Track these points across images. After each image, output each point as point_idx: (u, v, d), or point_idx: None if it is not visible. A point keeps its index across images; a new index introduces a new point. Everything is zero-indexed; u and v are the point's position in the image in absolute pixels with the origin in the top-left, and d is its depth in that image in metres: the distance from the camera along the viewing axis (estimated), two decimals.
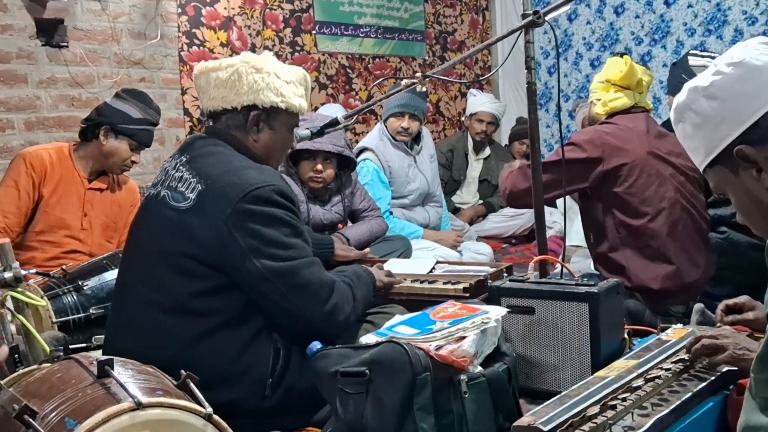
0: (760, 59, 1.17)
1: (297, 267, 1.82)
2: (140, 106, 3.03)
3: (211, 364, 1.77)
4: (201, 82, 2.02)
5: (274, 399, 1.84)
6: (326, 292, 1.85)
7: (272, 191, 1.83)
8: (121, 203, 3.16)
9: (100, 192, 3.09)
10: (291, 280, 1.81)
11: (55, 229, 2.94)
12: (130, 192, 3.23)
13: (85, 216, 3.02)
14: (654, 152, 2.72)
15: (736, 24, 5.09)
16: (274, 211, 1.82)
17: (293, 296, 1.81)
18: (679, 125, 1.28)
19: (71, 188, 2.99)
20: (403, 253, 3.40)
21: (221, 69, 1.97)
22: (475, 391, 1.66)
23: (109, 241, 3.10)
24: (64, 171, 2.98)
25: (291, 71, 2.05)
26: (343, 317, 1.88)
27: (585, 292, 1.95)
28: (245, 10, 4.78)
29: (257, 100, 1.97)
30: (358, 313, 1.97)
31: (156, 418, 1.26)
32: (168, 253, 1.83)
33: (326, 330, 1.86)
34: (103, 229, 3.09)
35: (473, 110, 4.95)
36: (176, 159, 1.96)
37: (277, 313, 1.85)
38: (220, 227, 1.78)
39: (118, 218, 3.14)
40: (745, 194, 1.17)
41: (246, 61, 1.98)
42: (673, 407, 1.42)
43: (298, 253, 1.84)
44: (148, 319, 1.83)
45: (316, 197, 3.28)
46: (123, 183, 3.20)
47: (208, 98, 2.00)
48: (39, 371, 1.44)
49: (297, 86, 2.05)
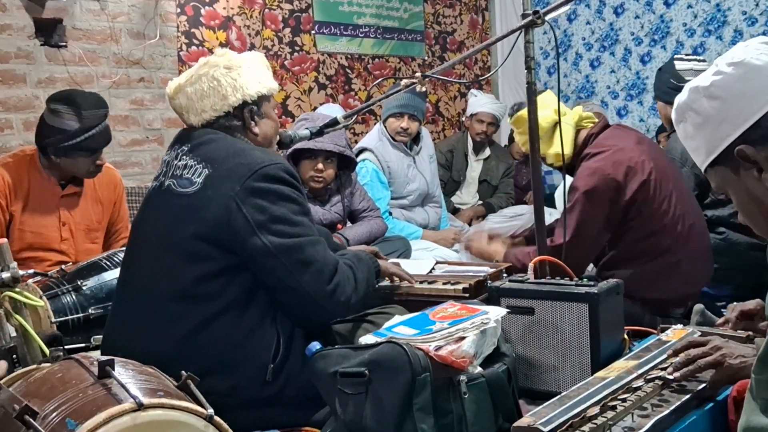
0: (760, 59, 1.17)
1: (302, 244, 1.84)
2: (74, 115, 2.69)
3: (213, 349, 1.79)
4: (181, 101, 2.01)
5: (274, 386, 1.84)
6: (329, 271, 1.86)
7: (279, 169, 1.86)
8: (102, 201, 3.00)
9: (78, 196, 2.90)
10: (296, 256, 1.82)
11: (34, 247, 2.77)
12: (111, 186, 3.04)
13: (64, 225, 2.85)
14: (657, 165, 2.64)
15: (736, 24, 5.10)
16: (282, 189, 1.85)
17: (297, 272, 1.82)
18: (681, 125, 1.28)
19: (43, 199, 2.80)
20: (403, 254, 3.40)
21: (195, 82, 1.98)
22: (475, 391, 1.66)
23: (93, 243, 2.96)
24: (32, 181, 2.78)
25: (252, 58, 2.07)
26: (344, 297, 1.89)
27: (585, 293, 1.95)
28: (244, 10, 4.78)
29: (245, 96, 1.99)
30: (359, 295, 1.98)
31: (157, 419, 1.26)
32: (174, 240, 1.85)
33: (328, 309, 1.88)
34: (85, 233, 2.93)
35: (473, 111, 4.95)
36: (177, 150, 1.98)
37: (281, 290, 1.85)
38: (228, 203, 1.80)
39: (102, 217, 2.99)
40: (746, 194, 1.18)
41: (213, 64, 1.98)
42: (673, 408, 1.43)
43: (305, 231, 1.86)
44: (151, 309, 1.85)
45: (316, 197, 3.28)
46: (101, 178, 2.97)
47: (196, 113, 2.00)
48: (39, 371, 1.44)
49: (264, 69, 2.08)
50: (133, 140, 4.24)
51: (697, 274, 2.69)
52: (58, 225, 2.84)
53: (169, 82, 2.06)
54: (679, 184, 2.73)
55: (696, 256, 2.68)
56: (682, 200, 2.68)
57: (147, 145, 4.31)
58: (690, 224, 2.66)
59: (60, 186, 2.85)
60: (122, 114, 4.18)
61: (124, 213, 3.13)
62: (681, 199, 2.68)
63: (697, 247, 2.69)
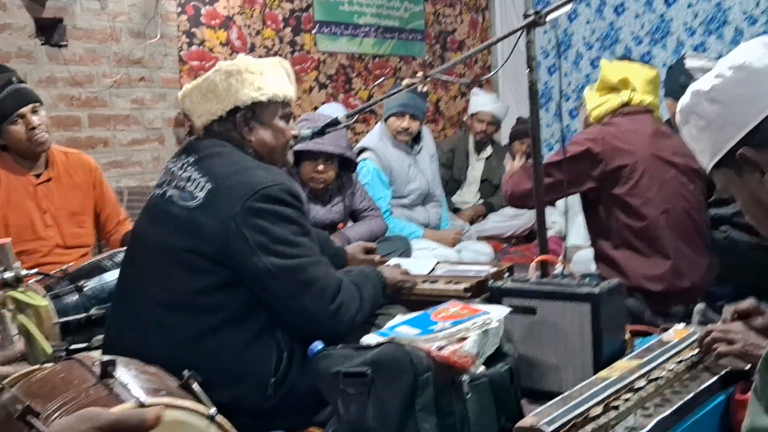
0: (761, 61, 1.17)
1: (304, 264, 1.83)
2: None
3: (213, 362, 1.78)
4: (188, 104, 2.05)
5: (276, 398, 1.83)
6: (332, 291, 1.86)
7: (281, 190, 1.84)
8: (81, 186, 2.99)
9: (53, 182, 2.91)
10: (297, 277, 1.81)
11: (21, 239, 2.74)
12: (86, 170, 3.03)
13: (45, 213, 2.87)
14: (656, 154, 2.71)
15: (737, 24, 5.09)
16: (283, 210, 1.84)
17: (299, 293, 1.81)
18: (685, 127, 1.28)
19: (20, 191, 2.83)
20: (403, 253, 3.40)
21: (200, 85, 2.00)
22: (477, 391, 1.66)
23: (80, 227, 2.96)
24: (4, 175, 2.82)
25: (265, 63, 2.05)
26: (348, 317, 1.88)
27: (587, 293, 1.95)
28: (245, 10, 4.77)
29: (237, 101, 1.98)
30: (365, 313, 1.97)
31: None
32: (174, 250, 1.84)
33: (331, 329, 1.86)
34: (69, 217, 2.93)
35: (474, 110, 4.95)
36: (182, 160, 1.97)
37: (283, 311, 1.85)
38: (227, 223, 1.79)
39: (84, 202, 2.99)
40: (749, 196, 1.18)
41: (218, 69, 1.99)
42: (676, 408, 1.42)
43: (306, 252, 1.85)
44: (151, 317, 1.84)
45: (317, 197, 3.28)
46: (74, 163, 3.00)
47: (197, 116, 2.03)
48: (41, 371, 1.44)
49: (275, 75, 2.04)
50: (133, 140, 4.24)
51: (690, 268, 2.69)
52: (40, 213, 2.87)
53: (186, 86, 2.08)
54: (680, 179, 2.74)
55: (686, 251, 2.70)
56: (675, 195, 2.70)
57: (148, 145, 4.31)
58: (677, 221, 2.68)
59: (35, 176, 2.89)
60: (123, 113, 4.18)
61: (109, 197, 3.12)
62: (678, 194, 2.71)
63: (689, 243, 2.71)
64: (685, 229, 2.71)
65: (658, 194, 2.67)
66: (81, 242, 2.98)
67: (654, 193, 2.67)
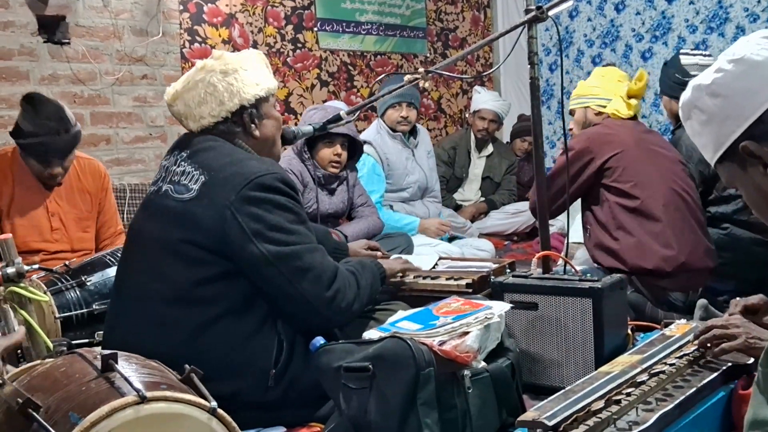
0: (761, 54, 1.17)
1: (299, 251, 1.83)
2: (30, 117, 2.73)
3: (214, 354, 1.78)
4: (179, 108, 2.01)
5: (277, 391, 1.83)
6: (328, 277, 1.86)
7: (275, 179, 1.85)
8: (90, 191, 3.01)
9: (63, 186, 2.91)
10: (293, 263, 1.82)
11: (27, 240, 2.78)
12: (97, 176, 3.05)
13: (53, 215, 2.88)
14: (643, 144, 2.84)
15: (738, 21, 5.08)
16: (278, 198, 1.84)
17: (296, 280, 1.81)
18: (687, 123, 1.28)
19: (29, 191, 2.84)
20: (405, 250, 3.40)
21: (192, 88, 1.97)
22: (479, 386, 1.66)
23: (85, 231, 2.98)
24: (15, 176, 2.82)
25: (249, 57, 2.05)
26: (345, 303, 1.88)
27: (588, 288, 1.95)
28: (247, 7, 4.77)
29: (242, 101, 1.97)
30: (363, 301, 1.97)
31: (160, 411, 1.25)
32: (171, 243, 1.84)
33: (329, 316, 1.87)
34: (76, 222, 2.95)
35: (476, 107, 4.95)
36: (176, 155, 1.97)
37: (280, 298, 1.85)
38: (223, 212, 1.79)
39: (91, 207, 3.00)
40: (754, 189, 1.18)
41: (210, 69, 1.97)
42: (678, 402, 1.42)
43: (301, 239, 1.86)
44: (150, 311, 1.84)
45: (325, 185, 3.29)
46: (85, 168, 3.01)
47: (195, 120, 1.99)
48: (42, 366, 1.44)
49: (261, 67, 2.06)
50: (136, 137, 4.24)
51: (685, 247, 2.71)
52: (47, 216, 2.88)
53: (167, 89, 2.04)
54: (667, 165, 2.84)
55: (681, 230, 2.74)
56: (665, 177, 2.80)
57: (150, 142, 4.31)
58: (669, 201, 2.75)
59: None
60: (125, 111, 4.18)
61: (110, 205, 3.13)
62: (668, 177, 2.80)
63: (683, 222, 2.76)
64: (678, 208, 2.76)
65: (648, 177, 2.76)
66: (86, 246, 2.98)
67: (644, 176, 2.76)
